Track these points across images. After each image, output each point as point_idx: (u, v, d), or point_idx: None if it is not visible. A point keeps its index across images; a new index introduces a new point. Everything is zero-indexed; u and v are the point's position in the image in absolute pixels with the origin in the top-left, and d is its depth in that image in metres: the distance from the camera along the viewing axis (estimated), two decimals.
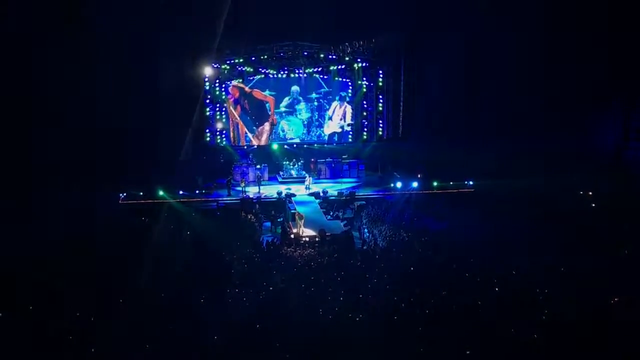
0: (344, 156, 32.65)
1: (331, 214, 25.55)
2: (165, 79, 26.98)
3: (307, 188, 28.61)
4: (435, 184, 27.76)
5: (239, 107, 33.62)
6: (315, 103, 34.61)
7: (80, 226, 19.73)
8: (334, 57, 32.53)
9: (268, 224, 24.62)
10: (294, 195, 27.31)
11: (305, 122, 34.69)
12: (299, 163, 32.07)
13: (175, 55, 27.39)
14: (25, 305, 13.15)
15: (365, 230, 22.43)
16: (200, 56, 30.24)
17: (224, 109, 33.14)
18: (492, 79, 27.85)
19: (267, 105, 33.99)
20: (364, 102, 34.36)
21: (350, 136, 35.16)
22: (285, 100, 34.25)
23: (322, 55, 32.27)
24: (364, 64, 33.22)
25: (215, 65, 31.74)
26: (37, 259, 16.39)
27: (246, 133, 34.04)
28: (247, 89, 33.38)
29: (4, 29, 22.04)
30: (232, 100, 33.36)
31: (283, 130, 34.59)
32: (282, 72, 33.09)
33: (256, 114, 34.07)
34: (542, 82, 27.61)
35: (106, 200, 24.37)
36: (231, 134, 33.70)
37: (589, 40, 25.70)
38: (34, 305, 13.12)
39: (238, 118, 33.71)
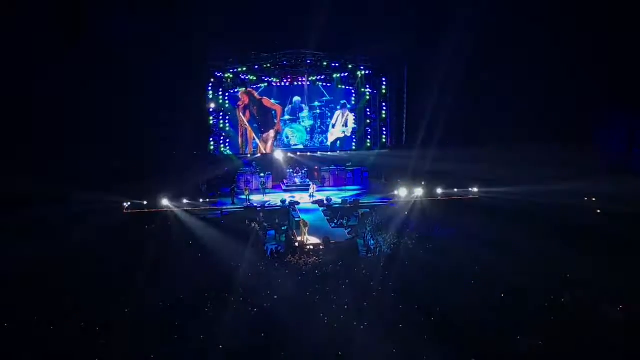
0: (347, 164, 32.62)
1: (335, 221, 25.47)
2: (168, 88, 27.05)
3: (311, 196, 28.56)
4: (439, 191, 27.69)
5: (247, 113, 33.61)
6: (318, 111, 34.62)
7: (84, 235, 19.78)
8: (337, 65, 32.58)
9: (272, 232, 24.55)
10: (298, 203, 27.30)
11: (309, 129, 34.70)
12: (303, 171, 32.07)
13: (179, 65, 27.47)
14: (28, 314, 13.13)
15: (370, 237, 22.35)
16: (204, 65, 30.33)
17: (227, 117, 33.20)
18: (497, 86, 27.86)
19: (273, 112, 34.03)
20: (368, 110, 34.39)
21: (354, 144, 35.12)
22: (288, 109, 34.28)
23: (325, 63, 32.33)
24: (367, 72, 33.27)
25: (218, 74, 31.84)
26: (39, 269, 16.45)
27: (254, 139, 34.01)
28: (257, 95, 33.38)
29: (6, 31, 22.23)
30: (242, 106, 33.36)
31: (287, 137, 34.59)
32: (285, 81, 33.17)
33: (262, 120, 34.07)
34: (546, 87, 27.61)
35: (110, 209, 24.38)
36: (240, 139, 33.73)
37: (593, 44, 25.70)
38: (36, 315, 13.09)
39: (247, 124, 33.70)
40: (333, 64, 32.50)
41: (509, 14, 26.30)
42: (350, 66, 32.83)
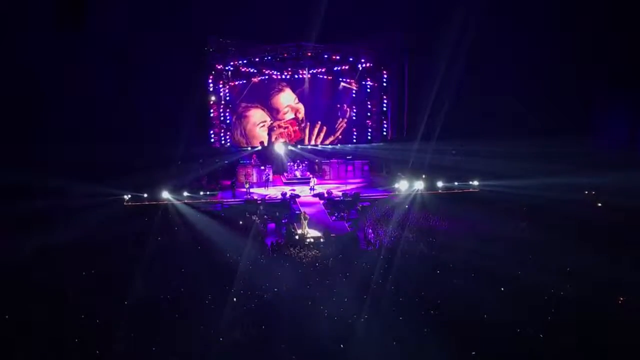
0: (348, 157, 32.58)
1: (336, 214, 25.46)
2: (168, 80, 27.00)
3: (312, 189, 28.56)
4: (440, 184, 27.68)
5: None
6: None
7: (85, 228, 19.81)
8: (337, 57, 32.48)
9: (273, 225, 24.55)
10: (298, 196, 27.31)
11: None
12: (303, 164, 32.07)
13: (179, 57, 27.40)
14: (28, 307, 13.15)
15: (370, 230, 22.35)
16: (204, 57, 30.27)
17: (227, 110, 33.17)
18: (497, 79, 27.77)
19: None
20: (369, 103, 34.33)
21: (354, 137, 35.07)
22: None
23: (325, 56, 32.22)
24: (368, 65, 33.18)
25: (219, 66, 31.76)
26: (40, 261, 16.49)
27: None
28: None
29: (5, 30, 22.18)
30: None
31: None
32: (285, 73, 33.10)
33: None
34: (548, 80, 27.56)
35: (110, 201, 24.41)
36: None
37: (596, 37, 25.61)
38: (36, 307, 13.12)
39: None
40: (334, 57, 32.41)
41: (510, 7, 26.17)
42: (351, 59, 32.75)
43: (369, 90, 34.10)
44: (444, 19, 26.94)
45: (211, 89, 31.99)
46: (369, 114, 34.45)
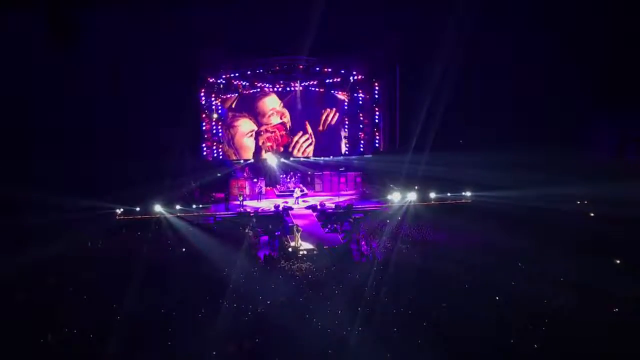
0: (341, 169, 32.61)
1: (329, 226, 25.44)
2: (160, 93, 27.01)
3: (298, 199, 28.62)
4: (432, 195, 27.73)
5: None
6: None
7: (77, 241, 19.72)
8: (329, 70, 32.61)
9: (266, 237, 24.49)
10: (291, 208, 27.28)
11: None
12: (296, 176, 32.06)
13: (172, 71, 27.41)
14: (23, 320, 13.04)
15: (363, 242, 22.33)
16: (197, 70, 30.31)
17: (219, 123, 33.18)
18: (490, 91, 27.94)
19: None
20: (361, 115, 34.43)
21: (346, 149, 35.14)
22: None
23: (317, 69, 32.35)
24: (360, 77, 33.34)
25: (211, 79, 31.81)
26: (33, 274, 16.38)
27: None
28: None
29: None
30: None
31: None
32: (277, 86, 33.20)
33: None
34: (539, 91, 27.77)
35: (102, 215, 24.28)
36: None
37: (588, 43, 25.86)
38: (31, 320, 13.01)
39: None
40: (325, 69, 32.55)
41: (502, 18, 26.39)
42: (343, 71, 32.90)
43: (360, 102, 34.23)
44: (436, 31, 27.10)
45: (203, 102, 31.99)
46: (361, 125, 34.54)
